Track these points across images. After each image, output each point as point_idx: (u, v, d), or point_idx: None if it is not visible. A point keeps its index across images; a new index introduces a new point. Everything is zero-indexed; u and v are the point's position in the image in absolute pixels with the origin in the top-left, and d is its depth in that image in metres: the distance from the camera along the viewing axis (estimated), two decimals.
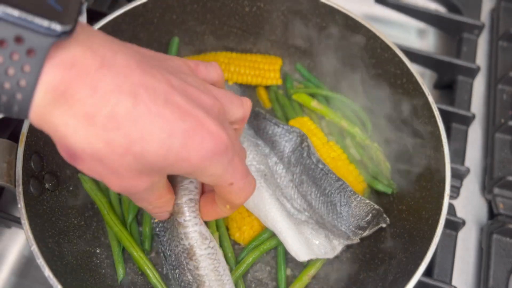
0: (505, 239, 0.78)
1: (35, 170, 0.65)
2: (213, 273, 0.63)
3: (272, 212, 0.71)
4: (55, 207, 0.68)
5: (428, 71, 0.99)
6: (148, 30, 0.81)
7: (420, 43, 1.05)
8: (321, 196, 0.72)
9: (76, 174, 0.74)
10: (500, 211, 0.81)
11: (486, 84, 0.98)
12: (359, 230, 0.70)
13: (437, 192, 0.66)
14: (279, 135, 0.77)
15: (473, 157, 0.89)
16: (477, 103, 0.95)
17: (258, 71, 0.86)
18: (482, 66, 0.98)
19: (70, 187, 0.73)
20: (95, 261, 0.70)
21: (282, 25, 0.85)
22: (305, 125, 0.81)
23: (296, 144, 0.76)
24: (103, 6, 1.00)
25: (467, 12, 1.01)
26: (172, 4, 0.80)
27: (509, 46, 0.98)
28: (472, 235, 0.83)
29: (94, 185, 0.74)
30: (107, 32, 0.75)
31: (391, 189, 0.76)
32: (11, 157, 0.63)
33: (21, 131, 0.64)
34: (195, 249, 0.62)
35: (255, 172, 0.74)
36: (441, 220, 0.62)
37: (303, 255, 0.68)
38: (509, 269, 0.75)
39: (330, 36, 0.81)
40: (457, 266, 0.78)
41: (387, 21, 1.06)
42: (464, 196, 0.86)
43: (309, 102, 0.83)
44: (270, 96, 0.88)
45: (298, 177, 0.75)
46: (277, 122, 0.79)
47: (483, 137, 0.92)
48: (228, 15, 0.85)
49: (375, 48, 0.77)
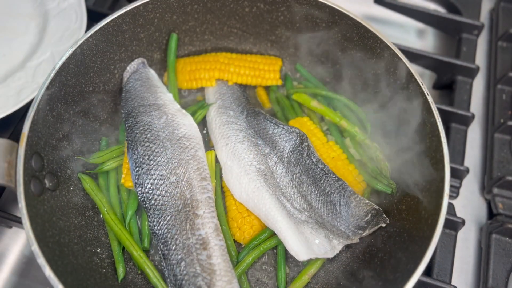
0: (505, 238, 0.78)
1: (35, 170, 0.65)
2: (224, 264, 0.65)
3: (272, 211, 0.71)
4: (56, 207, 0.68)
5: (427, 71, 0.99)
6: (149, 31, 0.81)
7: (419, 44, 1.05)
8: (321, 196, 0.73)
9: (76, 174, 0.74)
10: (499, 211, 0.81)
11: (485, 84, 0.98)
12: (359, 230, 0.70)
13: (437, 192, 0.66)
14: (279, 135, 0.77)
15: (472, 157, 0.90)
16: (476, 103, 0.96)
17: (258, 71, 0.86)
18: (482, 66, 0.98)
19: (71, 187, 0.73)
20: (96, 260, 0.71)
21: (282, 25, 0.85)
22: (305, 125, 0.81)
23: (296, 144, 0.76)
24: (103, 6, 1.00)
25: (466, 13, 1.02)
26: (172, 5, 0.80)
27: (509, 46, 0.98)
28: (472, 235, 0.83)
29: (94, 185, 0.74)
30: (107, 32, 0.75)
31: (390, 189, 0.76)
32: (11, 157, 0.63)
33: (22, 131, 0.64)
34: (210, 239, 0.66)
35: (255, 172, 0.74)
36: (441, 219, 0.62)
37: (303, 254, 0.68)
38: (508, 268, 0.76)
39: (330, 36, 0.81)
40: (457, 265, 0.78)
41: (387, 22, 1.06)
42: (464, 196, 0.86)
43: (309, 102, 0.83)
44: (270, 96, 0.88)
45: (298, 177, 0.75)
46: (277, 123, 0.79)
47: (483, 137, 0.92)
48: (228, 16, 0.85)
49: (375, 48, 0.77)
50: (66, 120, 0.73)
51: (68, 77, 0.71)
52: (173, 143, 0.74)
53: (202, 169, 0.73)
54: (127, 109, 0.78)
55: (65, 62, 0.70)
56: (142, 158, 0.72)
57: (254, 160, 0.75)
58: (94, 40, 0.74)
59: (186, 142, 0.75)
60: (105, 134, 0.82)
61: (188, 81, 0.86)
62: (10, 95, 0.81)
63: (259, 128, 0.79)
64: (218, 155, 0.78)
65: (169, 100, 0.79)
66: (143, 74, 0.81)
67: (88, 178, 0.74)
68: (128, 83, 0.80)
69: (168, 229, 0.68)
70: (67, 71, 0.70)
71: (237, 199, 0.75)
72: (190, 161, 0.73)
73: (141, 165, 0.72)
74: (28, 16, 0.94)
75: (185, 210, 0.68)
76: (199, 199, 0.69)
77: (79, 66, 0.73)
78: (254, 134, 0.79)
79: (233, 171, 0.76)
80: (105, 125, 0.82)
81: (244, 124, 0.80)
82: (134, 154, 0.73)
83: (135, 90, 0.79)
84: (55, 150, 0.70)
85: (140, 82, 0.80)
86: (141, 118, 0.76)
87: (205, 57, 0.87)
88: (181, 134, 0.75)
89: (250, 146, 0.76)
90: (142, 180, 0.71)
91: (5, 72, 0.86)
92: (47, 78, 0.68)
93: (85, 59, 0.74)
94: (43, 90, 0.67)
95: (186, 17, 0.83)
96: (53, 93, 0.69)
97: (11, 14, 0.94)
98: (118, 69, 0.81)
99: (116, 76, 0.81)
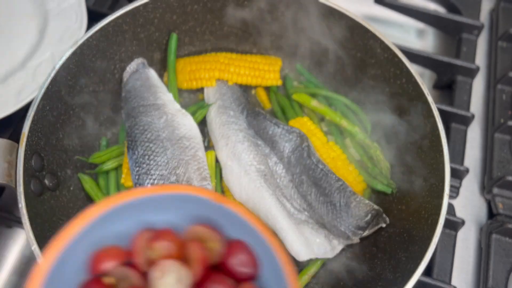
0: (505, 238, 0.78)
1: (35, 170, 0.65)
2: None
3: (272, 211, 0.71)
4: (56, 207, 0.68)
5: (427, 71, 0.99)
6: (149, 31, 0.81)
7: (419, 44, 1.05)
8: (321, 196, 0.73)
9: (77, 174, 0.74)
10: (499, 211, 0.81)
11: (485, 84, 0.98)
12: (359, 230, 0.70)
13: (437, 192, 0.66)
14: (279, 136, 0.77)
15: (472, 157, 0.90)
16: (476, 103, 0.96)
17: (258, 71, 0.86)
18: (482, 66, 0.98)
19: (71, 187, 0.73)
20: None
21: (282, 25, 0.85)
22: (305, 125, 0.81)
23: (296, 144, 0.76)
24: (103, 6, 1.00)
25: (466, 13, 1.01)
26: (172, 5, 0.80)
27: (509, 46, 0.98)
28: (472, 235, 0.83)
29: (94, 185, 0.74)
30: (108, 32, 0.75)
31: (390, 189, 0.76)
32: (12, 157, 0.63)
33: (22, 131, 0.64)
34: None
35: (255, 172, 0.74)
36: (441, 219, 0.63)
37: (303, 254, 0.68)
38: (508, 268, 0.76)
39: (330, 36, 0.81)
40: (457, 265, 0.78)
41: (387, 22, 1.06)
42: (464, 196, 0.86)
43: (309, 102, 0.83)
44: (270, 96, 0.88)
45: (298, 177, 0.75)
46: (277, 123, 0.79)
47: (483, 137, 0.92)
48: (228, 16, 0.85)
49: (375, 48, 0.77)
50: (66, 120, 0.73)
51: (68, 77, 0.71)
52: (173, 143, 0.74)
53: (202, 169, 0.73)
54: (127, 109, 0.78)
55: (65, 62, 0.70)
56: (142, 158, 0.72)
57: (254, 160, 0.75)
58: (94, 40, 0.74)
59: (186, 142, 0.75)
60: (105, 134, 0.82)
61: (188, 81, 0.86)
62: (10, 95, 0.81)
63: (259, 128, 0.79)
64: (218, 155, 0.78)
65: (169, 100, 0.79)
66: (143, 74, 0.81)
67: (88, 178, 0.74)
68: (128, 83, 0.80)
69: None
70: (67, 71, 0.70)
71: (237, 199, 0.75)
72: (190, 161, 0.73)
73: (141, 165, 0.72)
74: (28, 16, 0.94)
75: None
76: None
77: (79, 66, 0.73)
78: (254, 134, 0.79)
79: (233, 171, 0.75)
80: (105, 125, 0.82)
81: (244, 124, 0.80)
82: (134, 154, 0.73)
83: (135, 90, 0.79)
84: (55, 150, 0.70)
85: (140, 82, 0.80)
86: (141, 118, 0.76)
87: (205, 57, 0.87)
88: (181, 134, 0.75)
89: (250, 146, 0.76)
90: (142, 180, 0.71)
91: (5, 72, 0.86)
92: (47, 78, 0.68)
93: (85, 59, 0.74)
94: (43, 90, 0.67)
95: (186, 17, 0.83)
96: (53, 93, 0.69)
97: (11, 14, 0.94)
98: (118, 69, 0.81)
99: (116, 76, 0.81)
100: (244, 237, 0.45)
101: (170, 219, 0.46)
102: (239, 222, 0.45)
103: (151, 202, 0.44)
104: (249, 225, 0.44)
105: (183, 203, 0.45)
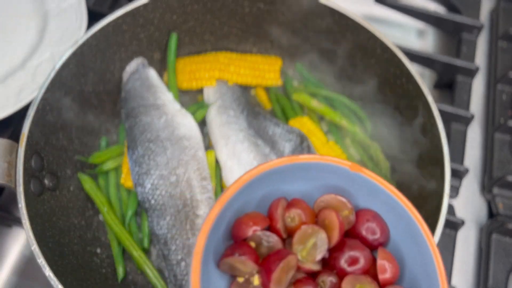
0: (505, 238, 0.78)
1: (35, 170, 0.65)
2: None
3: None
4: (56, 207, 0.68)
5: (427, 71, 0.99)
6: (149, 31, 0.81)
7: (419, 43, 1.05)
8: None
9: (77, 174, 0.74)
10: (499, 211, 0.81)
11: (485, 84, 0.98)
12: None
13: (437, 191, 0.66)
14: (279, 135, 0.77)
15: (472, 157, 0.90)
16: (476, 103, 0.96)
17: (258, 71, 0.86)
18: (482, 66, 0.98)
19: (71, 187, 0.73)
20: (96, 260, 0.71)
21: (282, 25, 0.85)
22: (305, 125, 0.81)
23: (296, 144, 0.76)
24: (103, 6, 1.00)
25: (466, 12, 1.01)
26: (172, 5, 0.80)
27: (509, 46, 0.98)
28: (472, 235, 0.83)
29: (94, 185, 0.74)
30: (108, 32, 0.75)
31: None
32: (11, 157, 0.63)
33: (22, 131, 0.64)
34: None
35: None
36: (441, 219, 0.62)
37: None
38: (508, 268, 0.76)
39: (330, 36, 0.81)
40: (457, 265, 0.78)
41: (387, 21, 1.06)
42: (464, 196, 0.86)
43: (309, 102, 0.83)
44: (270, 96, 0.88)
45: None
46: (277, 123, 0.79)
47: (483, 137, 0.92)
48: (228, 16, 0.85)
49: (375, 48, 0.77)
50: (66, 120, 0.73)
51: (68, 77, 0.71)
52: (173, 143, 0.74)
53: (202, 169, 0.73)
54: (127, 109, 0.78)
55: (65, 62, 0.70)
56: (142, 158, 0.72)
57: (254, 160, 0.75)
58: (94, 40, 0.74)
59: (186, 142, 0.75)
60: (105, 134, 0.82)
61: (188, 81, 0.86)
62: (10, 95, 0.81)
63: (259, 128, 0.79)
64: (218, 155, 0.78)
65: (169, 100, 0.79)
66: (143, 74, 0.81)
67: (88, 178, 0.74)
68: (128, 83, 0.80)
69: (168, 229, 0.68)
70: (67, 71, 0.70)
71: None
72: (190, 161, 0.73)
73: (141, 165, 0.72)
74: (28, 16, 0.94)
75: (185, 210, 0.68)
76: (199, 199, 0.69)
77: (79, 66, 0.73)
78: (254, 134, 0.79)
79: (233, 171, 0.76)
80: (105, 125, 0.82)
81: (244, 124, 0.80)
82: (134, 154, 0.73)
83: (135, 90, 0.79)
84: (55, 150, 0.70)
85: (140, 82, 0.80)
86: (141, 118, 0.76)
87: (205, 57, 0.87)
88: (181, 134, 0.75)
89: (250, 146, 0.76)
90: (142, 180, 0.71)
91: (5, 72, 0.86)
92: (47, 78, 0.68)
93: (85, 59, 0.74)
94: (43, 90, 0.67)
95: (186, 17, 0.83)
96: (53, 93, 0.69)
97: (11, 14, 0.94)
98: (118, 69, 0.81)
99: (116, 76, 0.81)
100: (376, 206, 0.48)
101: (302, 189, 0.49)
102: (375, 191, 0.47)
103: (288, 171, 0.46)
104: (387, 192, 0.46)
105: (319, 173, 0.47)
